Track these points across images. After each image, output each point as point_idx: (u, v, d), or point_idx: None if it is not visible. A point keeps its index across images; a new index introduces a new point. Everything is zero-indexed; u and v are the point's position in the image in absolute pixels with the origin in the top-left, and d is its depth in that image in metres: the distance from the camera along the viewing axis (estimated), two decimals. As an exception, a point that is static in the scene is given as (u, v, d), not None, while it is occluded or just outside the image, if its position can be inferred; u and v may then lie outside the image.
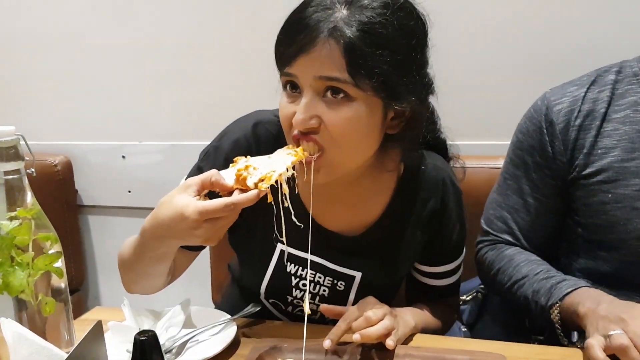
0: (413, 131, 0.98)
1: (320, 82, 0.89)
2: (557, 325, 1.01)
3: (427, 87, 0.98)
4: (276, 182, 0.87)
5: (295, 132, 0.93)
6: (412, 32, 0.92)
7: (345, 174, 0.98)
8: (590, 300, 0.96)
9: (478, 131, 1.57)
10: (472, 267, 1.23)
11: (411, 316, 1.04)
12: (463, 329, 1.23)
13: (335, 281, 1.09)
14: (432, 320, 1.12)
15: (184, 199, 0.85)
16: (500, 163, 1.39)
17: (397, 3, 0.89)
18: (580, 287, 1.01)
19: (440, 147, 1.15)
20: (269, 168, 0.87)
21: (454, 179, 1.12)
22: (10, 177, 0.83)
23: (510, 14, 1.50)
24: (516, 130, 1.18)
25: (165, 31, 1.80)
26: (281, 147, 0.99)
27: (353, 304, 1.06)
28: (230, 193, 0.86)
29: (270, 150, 0.99)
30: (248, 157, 0.91)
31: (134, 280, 1.04)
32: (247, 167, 0.88)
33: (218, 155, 1.06)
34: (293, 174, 0.89)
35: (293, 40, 0.89)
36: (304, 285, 1.09)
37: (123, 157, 1.93)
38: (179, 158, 1.81)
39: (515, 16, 1.49)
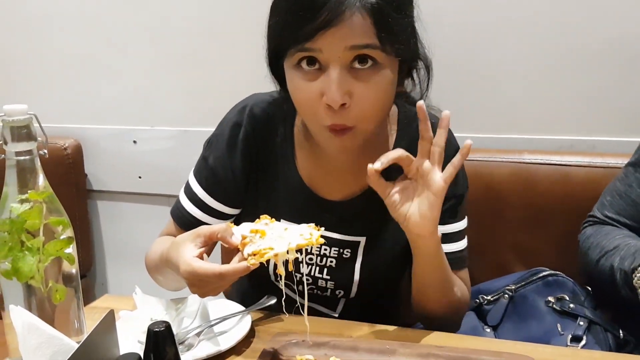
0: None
1: (349, 52, 0.88)
2: (639, 290, 0.97)
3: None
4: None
5: (328, 122, 0.92)
6: None
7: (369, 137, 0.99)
8: None
9: (502, 124, 1.53)
10: (495, 268, 1.20)
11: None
12: (487, 330, 1.20)
13: (342, 250, 1.09)
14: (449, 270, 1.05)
15: (185, 252, 0.87)
16: (526, 157, 1.36)
17: None
18: None
19: None
20: (275, 242, 0.84)
21: (449, 132, 1.09)
22: (22, 158, 0.79)
23: (533, 9, 1.45)
24: None
25: (179, 16, 1.77)
26: (273, 126, 1.08)
27: (360, 271, 1.09)
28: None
29: (266, 128, 1.06)
30: (273, 220, 0.89)
31: (161, 283, 1.07)
32: (256, 232, 0.85)
33: (219, 142, 1.09)
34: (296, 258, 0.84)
35: (316, 14, 0.86)
36: (311, 259, 1.10)
37: (134, 142, 1.90)
38: (191, 144, 1.78)
39: (540, 11, 1.45)
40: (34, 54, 1.94)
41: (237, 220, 1.14)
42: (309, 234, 0.85)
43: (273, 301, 1.06)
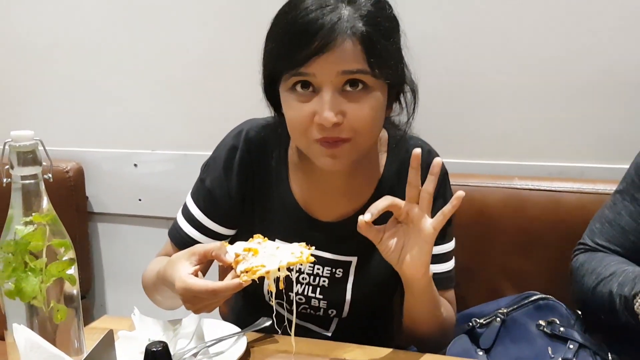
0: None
1: (341, 77, 0.93)
2: None
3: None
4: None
5: (319, 136, 0.95)
6: (398, 22, 1.02)
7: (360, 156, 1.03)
8: None
9: (493, 151, 1.56)
10: (488, 292, 1.21)
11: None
12: (480, 353, 1.21)
13: (334, 270, 1.12)
14: (439, 301, 1.09)
15: (180, 270, 0.91)
16: (517, 183, 1.39)
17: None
18: None
19: None
20: (267, 260, 0.88)
21: (437, 157, 1.14)
22: (28, 181, 0.82)
23: (524, 39, 1.49)
24: None
25: (180, 41, 1.80)
26: (268, 149, 1.11)
27: (352, 290, 1.12)
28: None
29: (261, 151, 1.10)
30: (266, 239, 0.93)
31: (157, 301, 1.10)
32: (249, 250, 0.89)
33: (216, 164, 1.13)
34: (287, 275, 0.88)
35: (310, 41, 0.91)
36: (304, 279, 1.12)
37: (135, 165, 1.92)
38: (191, 167, 1.78)
39: (531, 41, 1.49)
40: (37, 79, 1.97)
41: (233, 241, 1.17)
42: (299, 253, 0.89)
43: (268, 323, 1.08)
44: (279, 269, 0.86)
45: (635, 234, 1.15)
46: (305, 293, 1.13)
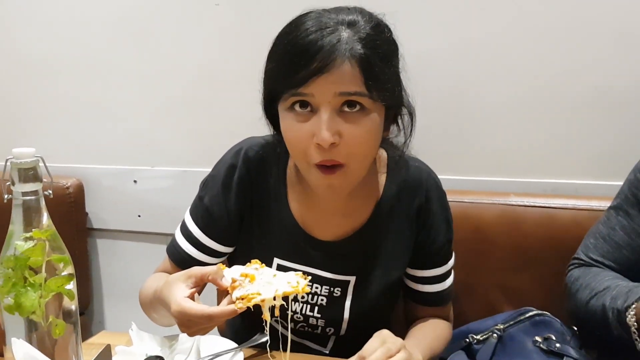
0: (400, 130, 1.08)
1: (339, 98, 0.94)
2: (633, 329, 1.00)
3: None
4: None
5: (317, 159, 0.96)
6: (397, 46, 1.03)
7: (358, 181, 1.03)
8: None
9: (489, 167, 1.57)
10: (484, 308, 1.22)
11: (419, 351, 1.03)
12: (476, 369, 1.22)
13: (332, 289, 1.12)
14: (435, 344, 1.12)
15: (176, 292, 0.91)
16: (512, 200, 1.40)
17: (382, 23, 1.00)
18: None
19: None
20: (263, 287, 0.89)
21: (437, 179, 1.17)
22: (28, 198, 0.83)
23: (519, 57, 1.51)
24: (635, 169, 1.19)
25: (180, 58, 1.83)
26: (267, 168, 1.12)
27: (350, 309, 1.12)
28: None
29: (260, 169, 1.11)
30: (263, 265, 0.94)
31: (153, 318, 1.11)
32: (246, 276, 0.90)
33: (215, 182, 1.13)
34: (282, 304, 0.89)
35: (309, 62, 0.92)
36: (302, 297, 1.12)
37: (134, 181, 1.94)
38: (190, 184, 1.79)
39: (525, 59, 1.51)
40: (39, 97, 1.99)
41: (231, 258, 1.17)
42: (295, 282, 0.90)
43: (265, 339, 1.09)
44: (274, 298, 0.88)
45: (629, 249, 1.16)
46: (303, 311, 1.13)
